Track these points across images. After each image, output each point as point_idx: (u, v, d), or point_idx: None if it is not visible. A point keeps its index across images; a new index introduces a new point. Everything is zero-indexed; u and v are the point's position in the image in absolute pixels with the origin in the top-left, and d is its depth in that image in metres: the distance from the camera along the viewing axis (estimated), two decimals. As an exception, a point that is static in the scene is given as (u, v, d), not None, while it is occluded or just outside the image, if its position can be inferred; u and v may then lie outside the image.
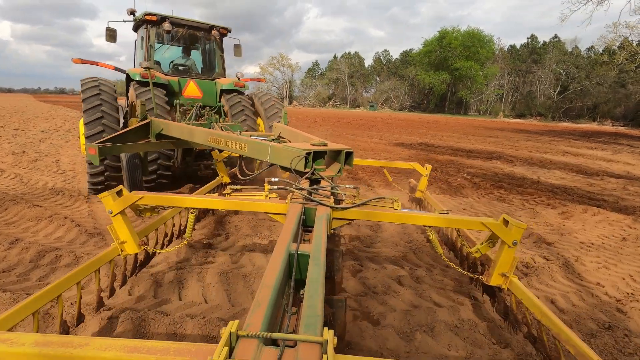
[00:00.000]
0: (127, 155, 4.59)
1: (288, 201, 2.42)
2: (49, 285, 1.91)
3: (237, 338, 1.07)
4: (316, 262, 1.60)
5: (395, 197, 2.70)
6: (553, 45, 67.42)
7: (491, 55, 67.10)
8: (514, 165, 10.44)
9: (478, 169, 9.42)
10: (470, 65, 63.90)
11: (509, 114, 64.42)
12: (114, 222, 2.44)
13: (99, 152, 3.71)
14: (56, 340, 1.07)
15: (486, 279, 2.43)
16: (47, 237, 3.78)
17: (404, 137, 17.53)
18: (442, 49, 66.88)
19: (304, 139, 3.54)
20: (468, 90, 67.10)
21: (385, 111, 68.56)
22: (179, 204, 2.62)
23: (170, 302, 2.61)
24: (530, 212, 5.56)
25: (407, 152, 12.05)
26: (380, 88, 79.20)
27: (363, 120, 32.65)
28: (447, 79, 67.28)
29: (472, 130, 26.07)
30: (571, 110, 58.18)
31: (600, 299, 2.92)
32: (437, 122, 34.40)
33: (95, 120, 4.85)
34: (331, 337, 1.07)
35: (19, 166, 7.46)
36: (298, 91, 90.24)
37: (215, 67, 6.63)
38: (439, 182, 7.42)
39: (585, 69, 57.39)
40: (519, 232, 2.24)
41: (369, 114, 53.76)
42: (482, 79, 65.51)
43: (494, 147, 14.89)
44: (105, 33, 5.92)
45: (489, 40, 66.75)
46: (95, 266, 2.26)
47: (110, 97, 5.13)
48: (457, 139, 18.37)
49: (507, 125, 38.01)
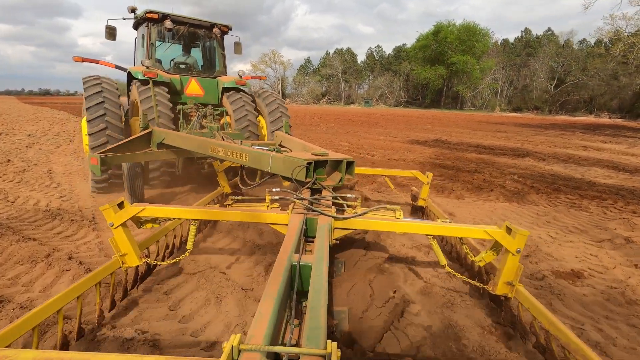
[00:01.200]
0: (128, 164, 4.61)
1: (289, 211, 2.41)
2: (49, 300, 1.89)
3: (239, 352, 1.06)
4: (318, 273, 1.59)
5: (396, 206, 2.68)
6: (547, 38, 67.07)
7: (487, 49, 66.12)
8: (548, 163, 9.83)
9: (517, 168, 8.78)
10: (466, 59, 62.47)
11: (505, 108, 63.61)
12: (115, 235, 2.43)
13: (100, 162, 3.72)
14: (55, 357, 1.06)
15: (492, 289, 2.40)
16: (46, 292, 2.70)
17: (413, 134, 16.84)
18: (437, 43, 65.51)
19: (304, 148, 3.55)
20: (464, 85, 65.64)
21: (380, 107, 67.02)
22: (180, 215, 2.61)
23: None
24: (625, 223, 4.76)
25: (429, 151, 11.17)
26: (374, 84, 77.63)
27: (362, 117, 31.57)
28: (444, 74, 65.94)
29: (476, 125, 25.19)
30: (567, 103, 57.65)
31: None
32: (436, 118, 33.28)
33: (98, 118, 4.88)
34: (335, 350, 1.05)
35: (3, 179, 6.13)
36: (291, 88, 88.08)
37: (216, 65, 6.66)
38: (493, 186, 6.66)
39: (582, 61, 56.92)
40: (523, 240, 2.22)
41: (365, 110, 52.15)
42: (479, 73, 64.12)
43: (512, 143, 14.19)
44: (105, 31, 5.98)
45: (484, 34, 65.67)
46: (95, 280, 2.24)
47: (113, 95, 5.17)
48: (467, 134, 17.67)
49: (507, 119, 37.07)
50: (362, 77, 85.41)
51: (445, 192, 6.31)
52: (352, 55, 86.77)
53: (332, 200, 2.59)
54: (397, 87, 73.96)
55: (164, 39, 6.19)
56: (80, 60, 5.75)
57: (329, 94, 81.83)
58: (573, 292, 2.99)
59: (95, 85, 5.14)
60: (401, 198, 5.75)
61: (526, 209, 5.49)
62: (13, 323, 1.66)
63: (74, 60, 5.80)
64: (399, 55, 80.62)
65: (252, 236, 3.94)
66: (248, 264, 3.30)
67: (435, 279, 3.10)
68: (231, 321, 2.43)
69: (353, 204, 2.62)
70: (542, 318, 2.06)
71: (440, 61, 66.13)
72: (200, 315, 2.51)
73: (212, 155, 3.65)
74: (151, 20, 5.76)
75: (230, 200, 3.20)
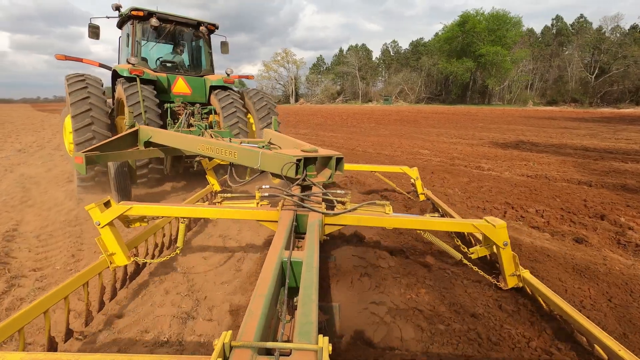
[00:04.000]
0: (115, 163, 4.52)
1: (279, 208, 2.41)
2: (35, 301, 1.86)
3: (230, 348, 1.06)
4: (309, 269, 1.60)
5: (386, 201, 2.71)
6: (579, 25, 62.11)
7: (518, 39, 60.24)
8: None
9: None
10: (497, 50, 56.76)
11: (538, 101, 58.70)
12: (102, 234, 2.39)
13: (85, 161, 3.65)
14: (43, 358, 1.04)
15: (503, 285, 2.53)
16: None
17: (479, 134, 14.58)
18: (464, 34, 60.00)
19: (294, 145, 3.55)
20: (494, 78, 60.00)
21: (400, 105, 63.21)
22: (168, 213, 2.58)
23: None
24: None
25: (553, 160, 8.54)
26: (392, 81, 73.76)
27: (392, 115, 29.11)
28: (472, 67, 60.65)
29: (526, 121, 22.25)
30: (609, 94, 52.43)
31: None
32: (473, 114, 29.75)
33: (83, 113, 4.74)
34: (326, 344, 1.06)
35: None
36: (304, 88, 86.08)
37: (203, 64, 6.59)
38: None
39: (629, 48, 51.56)
40: (504, 232, 2.30)
41: (388, 108, 49.17)
42: (510, 64, 58.33)
43: (606, 143, 11.57)
44: (87, 30, 5.84)
45: (516, 23, 59.32)
46: (83, 280, 2.20)
47: (98, 91, 5.03)
48: (537, 133, 14.98)
49: (550, 113, 33.18)
50: (377, 74, 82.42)
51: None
52: (367, 52, 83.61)
53: (322, 196, 2.60)
54: (419, 82, 70.18)
55: (150, 37, 6.09)
56: (63, 58, 5.60)
57: (344, 93, 79.56)
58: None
59: (80, 82, 5.01)
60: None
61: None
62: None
63: (56, 58, 5.64)
64: (417, 50, 76.97)
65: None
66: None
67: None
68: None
69: (343, 200, 2.63)
70: (549, 301, 2.20)
71: (467, 53, 60.90)
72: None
73: (201, 154, 3.62)
74: (136, 17, 5.65)
75: (220, 198, 3.18)
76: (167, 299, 2.64)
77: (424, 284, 2.73)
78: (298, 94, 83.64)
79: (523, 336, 2.13)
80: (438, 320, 2.30)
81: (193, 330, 2.28)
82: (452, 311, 2.40)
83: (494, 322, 2.27)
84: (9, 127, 17.82)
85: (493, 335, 2.14)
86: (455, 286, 2.71)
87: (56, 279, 2.93)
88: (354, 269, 2.87)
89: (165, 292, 2.74)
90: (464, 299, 2.53)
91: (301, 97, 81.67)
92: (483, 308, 2.43)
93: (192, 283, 2.88)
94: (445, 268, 2.96)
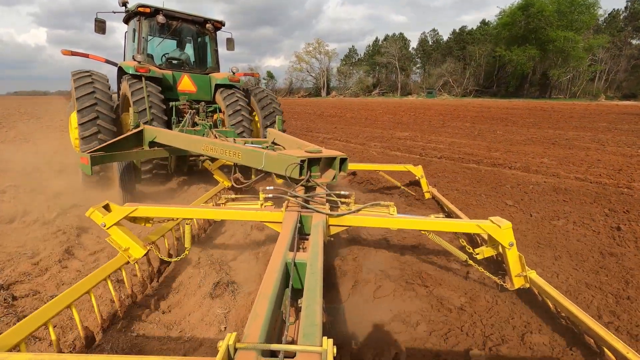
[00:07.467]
0: (120, 163, 4.55)
1: (284, 209, 2.41)
2: (60, 294, 1.87)
3: (235, 350, 1.06)
4: (313, 271, 1.60)
5: (390, 202, 2.69)
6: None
7: (593, 23, 51.91)
8: None
9: None
10: (569, 36, 48.35)
11: (612, 94, 51.34)
12: (111, 234, 2.41)
13: (91, 161, 3.69)
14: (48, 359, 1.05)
15: (509, 286, 2.49)
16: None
17: (612, 138, 10.45)
18: (528, 18, 51.34)
19: (298, 145, 3.55)
20: (561, 68, 51.79)
21: (444, 98, 55.83)
22: (173, 215, 2.60)
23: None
24: None
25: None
26: (436, 72, 65.98)
27: (460, 110, 24.90)
28: (536, 55, 52.21)
29: (622, 118, 17.47)
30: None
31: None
32: (554, 110, 24.42)
33: (89, 107, 4.75)
34: (330, 346, 1.06)
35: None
36: (334, 80, 79.65)
37: (208, 62, 6.58)
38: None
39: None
40: (509, 232, 2.28)
41: (436, 102, 43.58)
42: (583, 52, 49.80)
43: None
44: (94, 24, 5.84)
45: (591, 5, 50.14)
46: (102, 275, 2.20)
47: (104, 86, 5.06)
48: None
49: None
50: (415, 65, 76.16)
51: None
52: (405, 41, 75.57)
53: (326, 197, 2.60)
54: (467, 74, 62.22)
55: (156, 34, 6.11)
56: (69, 53, 5.64)
57: (380, 85, 72.65)
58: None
59: (86, 77, 5.03)
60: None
61: None
62: (19, 323, 1.64)
63: (62, 53, 5.68)
64: (461, 39, 69.10)
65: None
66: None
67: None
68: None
69: (347, 201, 2.62)
70: (555, 302, 2.18)
71: (531, 40, 52.69)
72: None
73: (205, 154, 3.63)
74: (143, 14, 5.65)
75: (224, 199, 3.18)
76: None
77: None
78: (329, 86, 78.27)
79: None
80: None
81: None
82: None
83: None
84: (25, 126, 14.71)
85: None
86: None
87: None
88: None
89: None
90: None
91: (332, 90, 75.89)
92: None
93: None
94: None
